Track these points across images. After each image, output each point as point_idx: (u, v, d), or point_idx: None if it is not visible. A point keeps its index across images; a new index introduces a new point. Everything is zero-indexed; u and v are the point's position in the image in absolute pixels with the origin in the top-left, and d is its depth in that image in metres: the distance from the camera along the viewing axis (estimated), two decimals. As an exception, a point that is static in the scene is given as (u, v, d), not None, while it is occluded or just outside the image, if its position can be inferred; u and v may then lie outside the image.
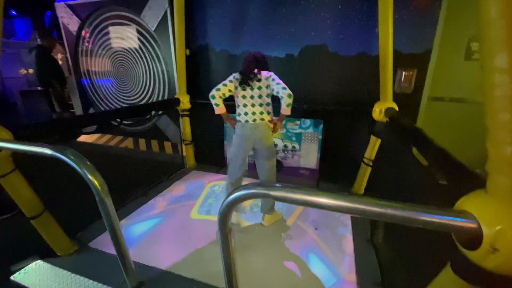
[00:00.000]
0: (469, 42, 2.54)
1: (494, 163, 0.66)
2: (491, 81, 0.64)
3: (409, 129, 1.64)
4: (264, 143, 2.08)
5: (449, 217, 0.70)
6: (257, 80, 1.96)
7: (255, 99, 1.99)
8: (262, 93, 1.99)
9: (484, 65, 0.66)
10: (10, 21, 9.24)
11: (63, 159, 1.22)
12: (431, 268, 0.97)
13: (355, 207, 0.75)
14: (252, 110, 2.00)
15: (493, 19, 0.62)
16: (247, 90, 1.99)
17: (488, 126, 0.67)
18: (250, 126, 2.03)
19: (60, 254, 1.88)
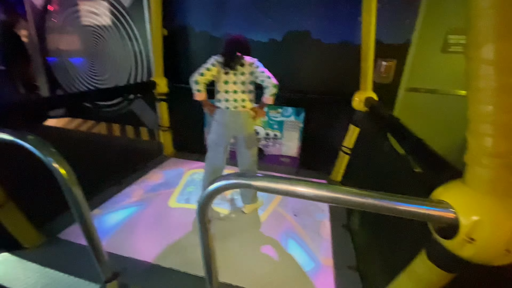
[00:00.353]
0: (446, 35, 2.60)
1: (473, 154, 0.67)
2: (476, 72, 0.63)
3: (387, 119, 1.67)
4: (245, 132, 2.01)
5: (427, 206, 0.71)
6: (240, 64, 1.87)
7: (238, 85, 1.90)
8: (245, 79, 1.90)
9: (470, 56, 0.65)
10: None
11: (24, 145, 1.11)
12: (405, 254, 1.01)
13: (336, 196, 0.74)
14: (234, 97, 1.91)
15: (483, 8, 0.61)
16: (230, 75, 1.88)
17: (469, 117, 0.68)
18: (230, 113, 1.94)
19: (27, 246, 1.76)
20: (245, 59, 1.89)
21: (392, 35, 2.49)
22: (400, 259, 1.16)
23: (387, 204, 0.70)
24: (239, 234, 2.00)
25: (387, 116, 1.68)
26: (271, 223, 2.14)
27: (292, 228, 2.10)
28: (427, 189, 0.83)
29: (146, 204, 2.31)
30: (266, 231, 2.04)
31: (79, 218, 1.22)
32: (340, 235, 2.02)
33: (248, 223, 2.13)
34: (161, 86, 2.96)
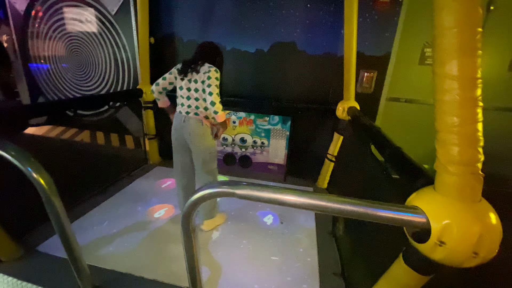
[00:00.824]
0: (423, 48, 2.75)
1: (442, 162, 0.72)
2: (442, 86, 0.69)
3: (369, 128, 1.74)
4: (195, 141, 1.88)
5: (402, 212, 0.75)
6: (196, 71, 1.79)
7: (191, 92, 1.82)
8: (198, 87, 1.79)
9: (436, 71, 0.71)
10: None
11: (2, 155, 1.08)
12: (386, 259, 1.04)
13: (318, 204, 0.77)
14: (188, 103, 1.84)
15: (446, 27, 0.66)
16: (185, 80, 1.83)
17: (437, 128, 0.73)
18: (181, 117, 1.87)
19: (3, 260, 1.68)
20: (203, 66, 1.80)
21: (373, 47, 2.60)
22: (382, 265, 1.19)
23: (366, 211, 0.73)
24: (222, 243, 1.99)
25: (369, 125, 1.74)
26: (256, 230, 2.14)
27: (277, 235, 2.11)
28: (403, 195, 0.88)
29: (129, 214, 2.27)
30: (251, 238, 2.04)
31: (58, 229, 1.19)
32: (326, 241, 2.05)
33: (232, 231, 2.12)
34: (147, 94, 2.94)
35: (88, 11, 3.22)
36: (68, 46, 3.50)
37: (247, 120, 3.02)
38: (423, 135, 2.90)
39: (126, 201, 2.45)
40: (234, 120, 3.04)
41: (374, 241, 1.35)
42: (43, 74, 3.79)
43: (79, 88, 3.69)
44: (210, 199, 0.89)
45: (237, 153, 3.18)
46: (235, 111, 2.99)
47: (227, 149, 3.18)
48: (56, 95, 3.83)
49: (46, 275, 1.61)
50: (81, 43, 3.42)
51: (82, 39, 3.39)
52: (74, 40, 3.44)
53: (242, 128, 3.05)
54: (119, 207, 2.35)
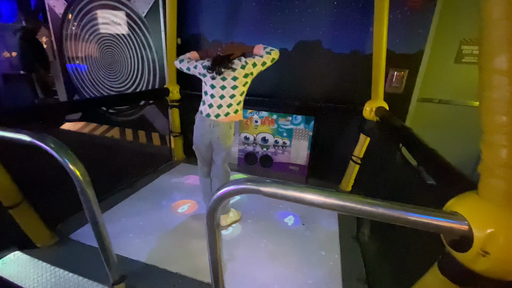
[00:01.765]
0: (460, 45, 2.58)
1: (487, 165, 0.66)
2: (489, 82, 0.63)
3: (399, 129, 1.65)
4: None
5: (440, 218, 0.70)
6: (230, 69, 1.75)
7: (227, 90, 1.79)
8: (238, 84, 1.77)
9: (483, 66, 0.65)
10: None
11: (42, 146, 1.15)
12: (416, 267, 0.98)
13: (346, 205, 0.74)
14: (220, 100, 1.81)
15: (495, 19, 0.61)
16: (217, 79, 1.78)
17: (483, 128, 0.67)
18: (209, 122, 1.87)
19: (39, 246, 1.80)
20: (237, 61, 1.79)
21: (404, 45, 2.47)
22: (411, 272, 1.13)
23: (399, 214, 0.69)
24: (242, 241, 1.99)
25: (399, 126, 1.66)
26: (275, 231, 2.11)
27: (299, 236, 2.07)
28: (440, 200, 0.82)
29: (155, 208, 2.34)
30: (270, 239, 2.02)
31: (91, 219, 1.25)
32: (349, 246, 1.98)
33: (251, 230, 2.11)
34: (173, 93, 3.02)
35: (120, 13, 3.37)
36: (101, 47, 3.69)
37: (269, 120, 3.01)
38: (459, 138, 2.73)
39: (152, 196, 2.54)
40: (256, 120, 3.04)
41: (403, 248, 1.28)
42: (78, 74, 4.03)
43: (110, 87, 3.88)
44: (235, 195, 0.89)
45: (258, 152, 3.17)
46: (257, 110, 2.99)
47: (248, 148, 3.19)
48: (89, 93, 4.06)
49: (77, 262, 1.70)
50: (113, 44, 3.60)
51: (114, 40, 3.57)
52: (106, 41, 3.62)
53: (264, 127, 3.04)
54: (146, 201, 2.44)
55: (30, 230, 1.75)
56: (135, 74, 3.61)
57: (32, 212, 1.73)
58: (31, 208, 1.72)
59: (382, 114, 2.16)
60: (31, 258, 1.71)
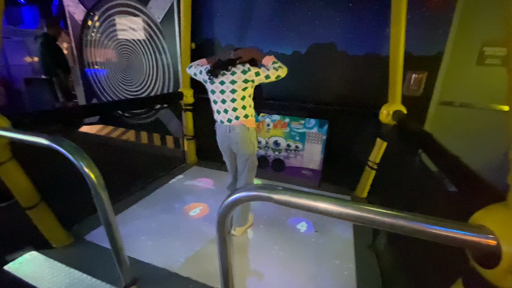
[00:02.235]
0: (482, 47, 2.46)
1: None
2: (521, 86, 0.58)
3: (419, 134, 1.58)
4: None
5: (466, 232, 0.65)
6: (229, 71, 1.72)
7: (227, 94, 1.76)
8: (236, 87, 1.72)
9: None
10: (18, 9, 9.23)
11: (59, 150, 1.18)
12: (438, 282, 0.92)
13: (363, 216, 0.70)
14: (225, 105, 1.80)
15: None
16: (216, 83, 1.77)
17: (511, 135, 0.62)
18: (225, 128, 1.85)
19: (55, 246, 1.85)
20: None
21: (423, 46, 2.39)
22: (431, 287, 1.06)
23: (421, 227, 0.64)
24: (253, 246, 1.97)
25: (419, 130, 1.59)
26: (290, 239, 2.07)
27: (312, 244, 2.02)
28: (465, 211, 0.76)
29: (167, 211, 2.36)
30: (282, 246, 1.98)
31: (104, 222, 1.27)
32: (365, 256, 1.91)
33: (263, 236, 2.08)
34: (187, 97, 3.06)
35: (137, 20, 3.46)
36: (118, 52, 3.80)
37: (281, 123, 2.98)
38: (482, 144, 2.59)
39: (165, 198, 2.56)
40: (268, 123, 3.02)
41: (423, 259, 1.21)
42: (97, 78, 4.16)
43: (127, 91, 3.98)
44: (246, 202, 0.87)
45: (270, 156, 3.15)
46: (269, 114, 2.97)
47: (260, 152, 3.17)
48: (107, 97, 4.18)
49: (91, 263, 1.73)
50: (130, 50, 3.69)
51: (130, 45, 3.66)
52: (123, 46, 3.73)
53: (276, 131, 3.02)
54: (158, 204, 2.46)
55: (46, 230, 1.80)
56: (151, 78, 3.69)
57: (49, 213, 1.78)
58: (48, 209, 1.77)
59: (400, 118, 2.08)
60: (46, 258, 1.75)
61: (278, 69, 1.73)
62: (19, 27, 8.22)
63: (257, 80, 1.74)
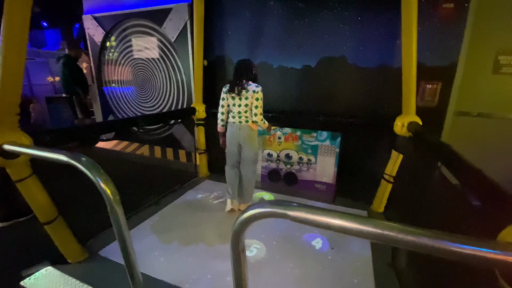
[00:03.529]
0: (497, 55, 2.41)
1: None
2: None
3: (437, 145, 1.53)
4: (246, 141, 2.36)
5: (494, 250, 0.61)
6: (244, 89, 2.20)
7: (242, 107, 2.26)
8: (248, 102, 2.23)
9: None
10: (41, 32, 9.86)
11: (78, 166, 1.21)
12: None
13: (383, 234, 0.67)
14: (240, 114, 2.29)
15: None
16: (236, 99, 2.25)
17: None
18: (237, 126, 2.34)
19: (70, 261, 1.86)
20: (250, 85, 2.20)
21: (436, 57, 2.37)
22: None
23: (445, 246, 0.61)
24: (267, 263, 1.91)
25: (437, 142, 1.54)
26: (302, 255, 2.01)
27: (328, 262, 1.95)
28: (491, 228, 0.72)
29: (180, 226, 2.35)
30: (297, 264, 1.92)
31: (119, 237, 1.27)
32: (384, 273, 1.82)
33: (277, 253, 2.02)
34: (199, 112, 3.12)
35: (153, 39, 3.61)
36: (134, 71, 3.96)
37: (292, 136, 2.97)
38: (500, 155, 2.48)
39: (177, 213, 2.56)
40: (280, 136, 3.01)
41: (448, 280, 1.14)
42: (114, 96, 4.32)
43: (142, 107, 4.10)
44: (260, 219, 0.86)
45: (282, 170, 3.12)
46: (280, 127, 2.97)
47: (271, 165, 3.15)
48: (123, 113, 4.32)
49: (104, 279, 1.73)
50: (145, 68, 3.84)
51: (146, 64, 3.81)
52: (139, 65, 3.88)
53: (288, 144, 3.00)
54: (171, 218, 2.47)
55: (63, 246, 1.82)
56: (165, 95, 3.80)
57: (66, 228, 1.81)
58: (65, 224, 1.80)
59: (416, 129, 2.03)
60: (61, 273, 1.77)
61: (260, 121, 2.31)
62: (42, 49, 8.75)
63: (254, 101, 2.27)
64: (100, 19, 3.94)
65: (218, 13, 3.07)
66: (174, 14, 3.32)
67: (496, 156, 2.50)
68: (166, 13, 3.37)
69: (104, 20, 3.91)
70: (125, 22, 3.75)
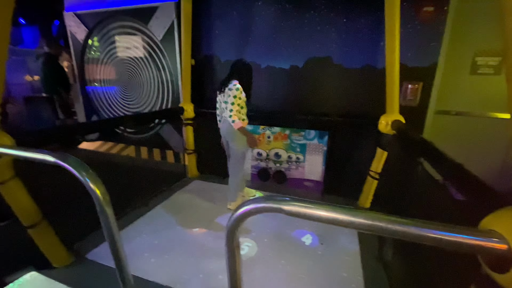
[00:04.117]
0: (474, 57, 2.54)
1: (526, 180, 0.62)
2: (521, 93, 0.61)
3: (419, 142, 1.61)
4: (229, 139, 2.39)
5: (476, 237, 0.65)
6: (227, 87, 2.22)
7: (222, 104, 2.31)
8: (226, 99, 2.22)
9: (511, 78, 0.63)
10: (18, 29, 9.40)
11: (65, 166, 1.18)
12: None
13: (376, 225, 0.69)
14: (222, 111, 2.35)
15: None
16: (220, 96, 2.35)
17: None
18: (219, 120, 2.46)
19: (56, 266, 1.80)
20: (230, 83, 2.21)
21: (417, 58, 2.47)
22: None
23: (432, 234, 0.65)
24: (259, 261, 1.93)
25: (419, 139, 1.61)
26: (293, 251, 2.04)
27: (317, 257, 1.99)
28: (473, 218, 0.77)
29: (170, 227, 2.32)
30: (288, 260, 1.95)
31: (109, 239, 1.25)
32: (372, 266, 1.88)
33: (269, 250, 2.05)
34: (188, 112, 3.09)
35: (138, 38, 3.55)
36: (119, 70, 3.86)
37: (282, 135, 3.00)
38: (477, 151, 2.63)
39: (166, 214, 2.53)
40: (269, 135, 3.04)
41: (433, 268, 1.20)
42: (97, 95, 4.20)
43: (127, 107, 4.01)
44: (255, 214, 0.87)
45: (271, 168, 3.15)
46: (269, 126, 3.00)
47: (261, 164, 3.17)
48: (108, 114, 4.21)
49: (93, 283, 1.68)
50: (131, 67, 3.76)
51: (131, 63, 3.73)
52: (124, 64, 3.79)
53: (277, 143, 3.04)
54: (160, 219, 2.43)
55: (47, 250, 1.76)
56: (151, 94, 3.73)
57: (50, 231, 1.75)
58: (49, 228, 1.74)
59: (399, 127, 2.12)
60: (47, 278, 1.70)
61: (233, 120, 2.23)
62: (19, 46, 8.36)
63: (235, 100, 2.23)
64: (83, 17, 3.82)
65: (205, 12, 3.06)
66: (161, 13, 3.28)
67: (474, 151, 2.65)
68: (152, 12, 3.31)
69: (87, 17, 3.79)
70: (109, 20, 3.65)
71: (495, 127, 2.59)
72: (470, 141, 2.68)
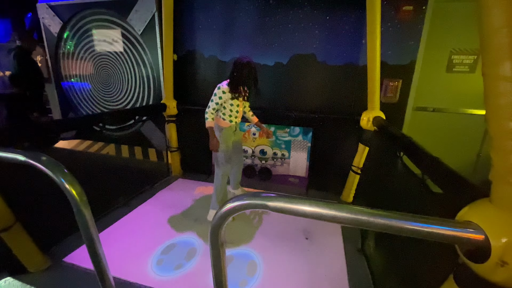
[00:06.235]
0: (450, 55, 2.65)
1: (499, 172, 0.65)
2: (495, 89, 0.63)
3: (399, 138, 1.65)
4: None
5: (454, 228, 0.67)
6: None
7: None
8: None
9: (487, 73, 0.65)
10: (-14, 22, 8.80)
11: (37, 166, 1.11)
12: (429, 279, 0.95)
13: (358, 218, 0.71)
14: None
15: (496, 28, 0.62)
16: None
17: (492, 135, 0.66)
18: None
19: (32, 271, 1.71)
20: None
21: (397, 56, 2.54)
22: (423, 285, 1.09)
23: (411, 226, 0.66)
24: (243, 257, 1.93)
25: (399, 134, 1.66)
26: (282, 246, 2.06)
27: (302, 252, 2.02)
28: (450, 210, 0.80)
29: (153, 226, 2.27)
30: (277, 255, 1.96)
31: (87, 241, 1.19)
32: (355, 260, 1.93)
33: (258, 245, 2.05)
34: (170, 108, 3.02)
35: (116, 31, 3.41)
36: (97, 65, 3.70)
37: (267, 132, 3.00)
38: (454, 146, 2.76)
39: (149, 213, 2.47)
40: (254, 132, 3.03)
41: (412, 259, 1.24)
42: (74, 91, 4.01)
43: (107, 104, 3.86)
44: (240, 211, 0.86)
45: (257, 165, 3.15)
46: (254, 123, 2.99)
47: (247, 161, 3.16)
48: (85, 111, 4.03)
49: (71, 287, 1.61)
50: (109, 62, 3.61)
51: (110, 58, 3.58)
52: (102, 59, 3.64)
53: (262, 140, 3.03)
54: (142, 219, 2.37)
55: (22, 254, 1.66)
56: (132, 91, 3.61)
57: (24, 235, 1.66)
58: (23, 231, 1.65)
59: (380, 124, 2.17)
60: (23, 284, 1.62)
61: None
62: (-13, 40, 7.83)
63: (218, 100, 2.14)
64: (57, 9, 3.61)
65: (188, 6, 2.98)
66: (141, 5, 3.16)
67: (450, 146, 2.78)
68: (132, 4, 3.19)
69: (62, 9, 3.60)
70: (85, 12, 3.48)
71: (470, 123, 2.73)
72: (447, 136, 2.81)
